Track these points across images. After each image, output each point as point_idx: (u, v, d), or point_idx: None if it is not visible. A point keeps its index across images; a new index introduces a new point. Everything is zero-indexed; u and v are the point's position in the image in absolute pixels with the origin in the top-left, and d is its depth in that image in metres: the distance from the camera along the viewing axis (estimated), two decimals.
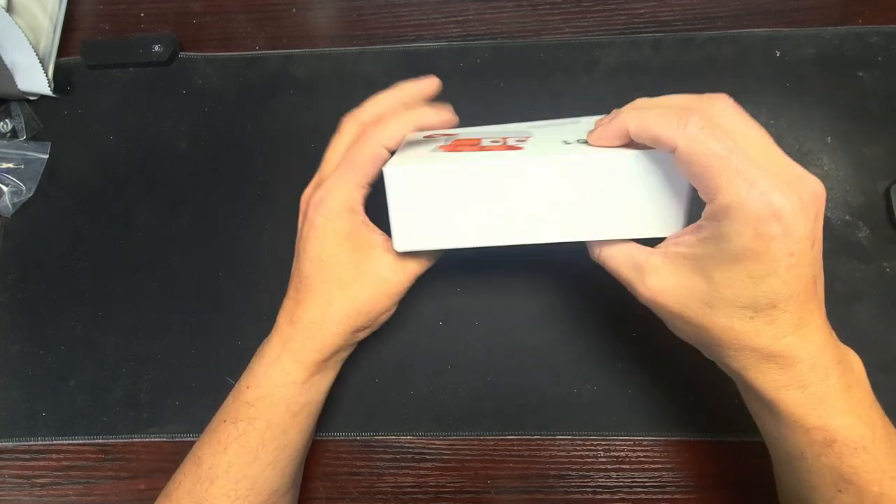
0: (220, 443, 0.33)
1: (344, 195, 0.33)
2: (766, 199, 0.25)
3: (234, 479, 0.33)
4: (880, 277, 0.41)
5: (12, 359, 0.44)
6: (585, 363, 0.41)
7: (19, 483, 0.42)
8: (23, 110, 0.48)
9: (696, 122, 0.26)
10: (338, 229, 0.33)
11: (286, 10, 0.50)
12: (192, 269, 0.44)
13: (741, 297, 0.27)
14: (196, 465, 0.34)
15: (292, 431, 0.34)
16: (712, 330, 0.28)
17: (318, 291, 0.34)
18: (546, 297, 0.42)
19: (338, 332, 0.34)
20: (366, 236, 0.34)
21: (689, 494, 0.40)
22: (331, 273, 0.34)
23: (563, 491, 0.40)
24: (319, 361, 0.34)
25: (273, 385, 0.34)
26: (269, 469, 0.33)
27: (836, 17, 0.46)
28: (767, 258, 0.26)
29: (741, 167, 0.25)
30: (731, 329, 0.28)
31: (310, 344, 0.34)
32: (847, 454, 0.27)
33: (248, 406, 0.34)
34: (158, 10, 0.50)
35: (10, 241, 0.46)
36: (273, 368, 0.34)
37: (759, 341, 0.27)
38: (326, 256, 0.34)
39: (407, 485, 0.41)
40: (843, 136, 0.44)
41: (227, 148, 0.47)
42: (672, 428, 0.40)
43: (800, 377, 0.27)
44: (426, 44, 0.48)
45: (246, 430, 0.33)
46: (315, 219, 0.33)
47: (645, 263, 0.30)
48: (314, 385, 0.35)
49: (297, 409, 0.34)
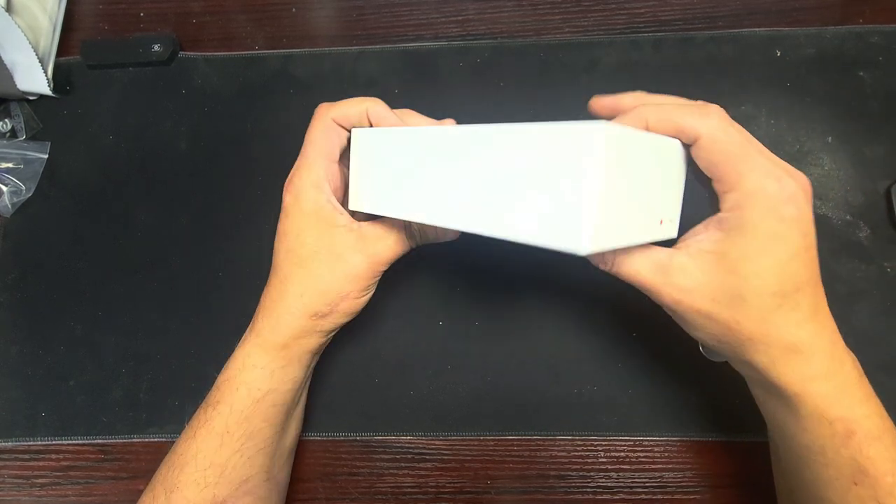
0: (191, 428, 0.34)
1: (306, 173, 0.34)
2: (783, 184, 0.26)
3: (203, 465, 0.33)
4: (881, 277, 0.41)
5: (12, 359, 0.44)
6: (585, 363, 0.41)
7: (19, 483, 0.42)
8: (22, 110, 0.48)
9: (717, 113, 0.27)
10: (302, 206, 0.34)
11: (286, 9, 0.50)
12: (192, 269, 0.44)
13: (770, 285, 0.27)
14: (171, 453, 0.34)
15: (256, 419, 0.34)
16: (743, 324, 0.28)
17: (279, 268, 0.35)
18: (546, 298, 0.42)
19: (294, 313, 0.34)
20: (328, 213, 0.34)
21: (690, 494, 0.40)
22: (290, 249, 0.34)
23: (563, 491, 0.40)
24: (279, 345, 0.34)
25: (236, 368, 0.34)
26: (236, 457, 0.33)
27: (837, 16, 0.46)
28: (790, 241, 0.27)
29: (759, 156, 0.27)
30: (762, 320, 0.27)
31: (268, 324, 0.34)
32: (865, 445, 0.28)
33: (215, 390, 0.34)
34: (158, 9, 0.50)
35: (10, 241, 0.46)
36: (238, 351, 0.35)
37: (787, 330, 0.28)
38: (290, 232, 0.34)
39: (407, 485, 0.41)
40: (844, 136, 0.44)
41: (227, 148, 0.46)
42: (672, 428, 0.40)
43: (823, 367, 0.28)
44: (426, 43, 0.48)
45: (212, 415, 0.34)
46: (285, 197, 0.35)
47: (669, 263, 0.29)
48: (276, 372, 0.34)
49: (260, 396, 0.34)
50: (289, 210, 0.34)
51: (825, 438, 0.28)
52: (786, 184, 0.26)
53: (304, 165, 0.34)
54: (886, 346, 0.40)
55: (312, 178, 0.34)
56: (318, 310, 0.34)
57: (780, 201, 0.26)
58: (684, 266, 0.29)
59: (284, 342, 0.34)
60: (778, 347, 0.28)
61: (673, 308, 0.30)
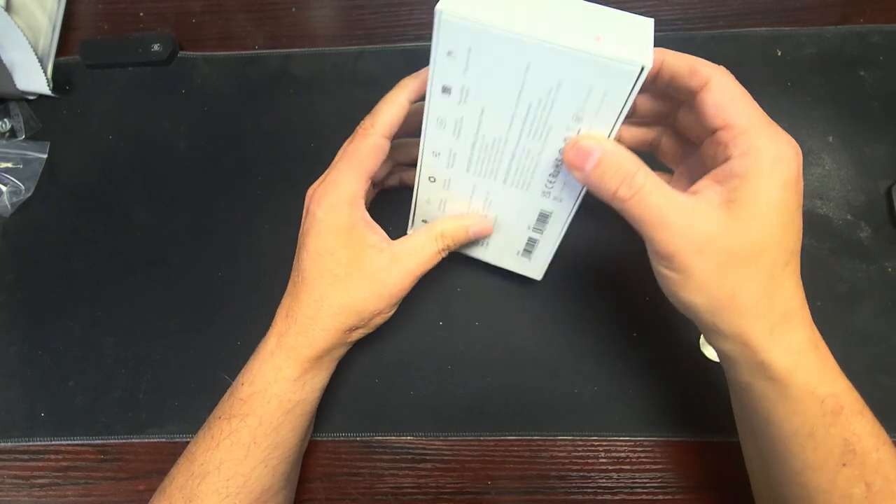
0: (212, 439, 0.34)
1: (344, 188, 0.33)
2: (787, 146, 0.27)
3: (225, 476, 0.33)
4: (881, 277, 0.41)
5: (11, 359, 0.43)
6: (585, 363, 0.41)
7: (18, 483, 0.42)
8: (22, 110, 0.48)
9: (725, 69, 0.29)
10: (336, 223, 0.34)
11: (286, 9, 0.50)
12: (191, 269, 0.44)
13: (784, 240, 0.27)
14: (189, 462, 0.34)
15: (285, 429, 0.34)
16: (748, 287, 0.27)
17: (313, 286, 0.34)
18: (546, 297, 0.42)
19: (329, 329, 0.34)
20: (362, 233, 0.34)
21: (690, 494, 0.40)
22: (325, 268, 0.34)
23: (563, 491, 0.40)
24: (312, 358, 0.34)
25: (266, 381, 0.34)
26: (260, 467, 0.33)
27: (838, 16, 0.46)
28: (794, 200, 0.27)
29: (763, 114, 0.28)
30: (770, 278, 0.27)
31: (302, 339, 0.34)
32: (852, 421, 0.28)
33: (241, 402, 0.34)
34: (158, 9, 0.50)
35: (9, 240, 0.46)
36: (266, 364, 0.34)
37: (787, 295, 0.28)
38: (323, 250, 0.34)
39: (407, 485, 0.41)
40: (845, 136, 0.44)
41: (227, 148, 0.46)
42: (672, 428, 0.40)
43: (808, 338, 0.28)
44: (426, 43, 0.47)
45: (238, 426, 0.33)
46: (316, 212, 0.34)
47: (696, 207, 0.27)
48: (307, 383, 0.35)
49: (290, 407, 0.34)
50: (321, 225, 0.34)
51: (816, 418, 0.28)
52: (789, 146, 0.27)
53: (339, 180, 0.34)
54: (886, 346, 0.40)
55: (348, 195, 0.34)
56: (352, 325, 0.35)
57: (784, 160, 0.27)
58: (708, 212, 0.27)
59: (318, 355, 0.34)
60: (777, 314, 0.28)
61: (685, 261, 0.27)
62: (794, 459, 0.29)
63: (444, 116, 0.32)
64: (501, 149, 0.32)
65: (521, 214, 0.36)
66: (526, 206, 0.35)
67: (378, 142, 0.33)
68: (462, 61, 0.29)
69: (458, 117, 0.31)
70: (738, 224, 0.27)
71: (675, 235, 0.27)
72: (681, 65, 0.29)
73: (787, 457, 0.29)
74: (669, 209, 0.27)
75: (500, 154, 0.32)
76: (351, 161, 0.34)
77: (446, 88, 0.30)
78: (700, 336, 0.41)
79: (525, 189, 0.34)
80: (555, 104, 0.29)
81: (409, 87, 0.33)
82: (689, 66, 0.29)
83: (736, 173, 0.27)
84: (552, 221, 0.35)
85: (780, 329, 0.28)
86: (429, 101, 0.31)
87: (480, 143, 0.32)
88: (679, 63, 0.29)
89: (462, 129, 0.32)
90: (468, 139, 0.32)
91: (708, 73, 0.28)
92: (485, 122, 0.31)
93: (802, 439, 0.28)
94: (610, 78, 0.27)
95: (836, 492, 0.28)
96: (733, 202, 0.27)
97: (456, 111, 0.31)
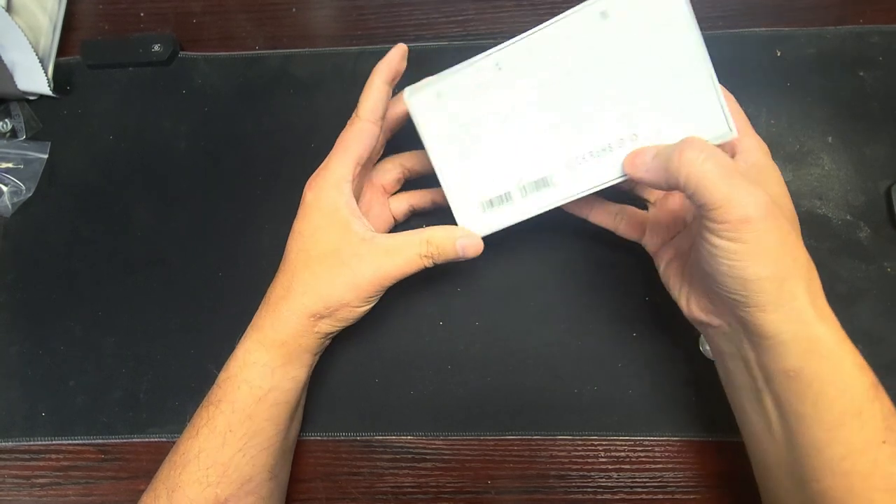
0: (193, 427, 0.34)
1: (333, 172, 0.34)
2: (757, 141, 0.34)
3: (205, 464, 0.33)
4: (881, 277, 0.41)
5: (12, 359, 0.43)
6: (585, 363, 0.41)
7: (19, 483, 0.42)
8: (22, 110, 0.48)
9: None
10: (320, 205, 0.34)
11: (286, 9, 0.50)
12: (191, 269, 0.44)
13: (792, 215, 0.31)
14: (174, 452, 0.34)
15: (259, 418, 0.34)
16: (796, 250, 0.28)
17: (288, 265, 0.35)
18: (546, 298, 0.42)
19: (294, 310, 0.34)
20: (345, 217, 0.34)
21: (690, 494, 0.40)
22: (302, 247, 0.34)
23: (563, 491, 0.40)
24: (278, 342, 0.34)
25: (237, 366, 0.34)
26: (238, 456, 0.33)
27: (837, 16, 0.46)
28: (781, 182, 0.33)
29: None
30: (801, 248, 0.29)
31: (269, 321, 0.34)
32: (882, 394, 0.28)
33: (216, 388, 0.34)
34: (158, 9, 0.50)
35: (10, 240, 0.46)
36: (239, 349, 0.35)
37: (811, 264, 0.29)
38: (305, 231, 0.34)
39: (407, 485, 0.41)
40: (844, 136, 0.44)
41: (227, 148, 0.46)
42: (672, 428, 0.40)
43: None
44: (426, 43, 0.48)
45: (214, 413, 0.33)
46: (306, 195, 0.35)
47: (742, 170, 0.32)
48: (277, 371, 0.34)
49: (261, 394, 0.34)
50: (307, 208, 0.35)
51: (863, 394, 0.28)
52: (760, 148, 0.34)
53: (329, 166, 0.35)
54: (886, 346, 0.40)
55: (335, 179, 0.34)
56: (316, 311, 0.34)
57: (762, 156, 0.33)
58: (750, 173, 0.31)
59: (283, 339, 0.34)
60: (815, 285, 0.28)
61: (758, 228, 0.27)
62: (839, 445, 0.28)
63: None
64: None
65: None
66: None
67: (363, 126, 0.34)
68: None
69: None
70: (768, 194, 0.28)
71: (748, 199, 0.27)
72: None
73: (831, 444, 0.28)
74: (738, 175, 0.27)
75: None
76: (338, 148, 0.35)
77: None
78: (700, 336, 0.41)
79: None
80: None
81: (381, 70, 0.35)
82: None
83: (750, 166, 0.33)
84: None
85: (821, 301, 0.28)
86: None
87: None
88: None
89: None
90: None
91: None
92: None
93: (850, 420, 0.28)
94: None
95: (878, 472, 0.27)
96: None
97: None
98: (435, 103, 0.33)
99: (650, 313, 0.41)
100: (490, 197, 0.34)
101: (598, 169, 0.33)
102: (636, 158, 0.31)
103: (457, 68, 0.33)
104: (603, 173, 0.33)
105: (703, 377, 0.40)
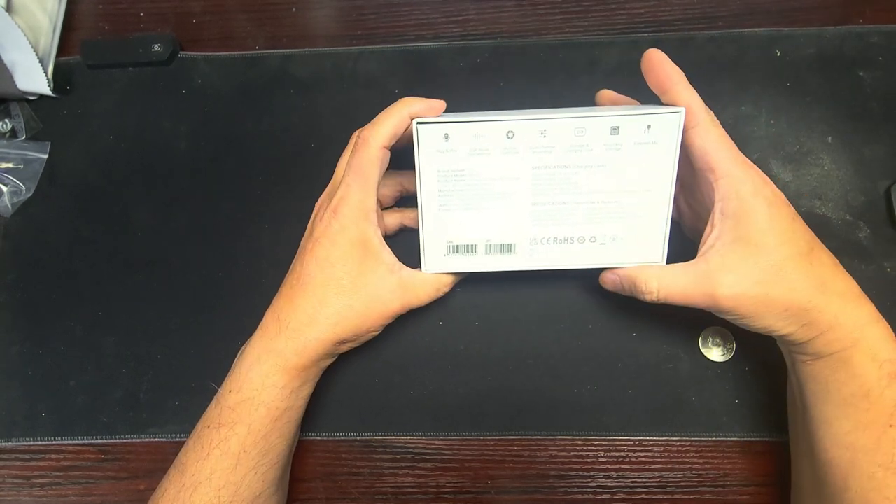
0: (202, 449, 0.33)
1: (358, 201, 0.34)
2: (753, 172, 0.32)
3: (217, 486, 0.33)
4: (881, 277, 0.41)
5: (12, 359, 0.44)
6: (585, 363, 0.41)
7: (19, 483, 0.42)
8: (22, 110, 0.48)
9: (710, 113, 0.33)
10: (351, 236, 0.34)
11: (286, 9, 0.50)
12: (191, 269, 0.44)
13: (789, 248, 0.31)
14: (180, 473, 0.33)
15: (273, 436, 0.34)
16: (800, 291, 0.31)
17: (314, 292, 0.34)
18: (546, 298, 0.42)
19: (321, 339, 0.34)
20: (377, 249, 0.35)
21: (690, 494, 0.40)
22: (332, 276, 0.34)
23: (563, 491, 0.40)
24: (300, 367, 0.34)
25: (253, 388, 0.34)
26: (251, 475, 0.33)
27: (837, 16, 0.46)
28: (784, 211, 0.32)
29: (735, 155, 0.32)
30: (814, 276, 0.31)
31: (292, 346, 0.34)
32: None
33: (229, 411, 0.34)
34: (158, 9, 0.50)
35: (10, 241, 0.46)
36: (253, 371, 0.34)
37: (837, 276, 0.32)
38: (334, 259, 0.34)
39: (407, 485, 0.41)
40: (844, 136, 0.44)
41: (227, 148, 0.46)
42: (672, 428, 0.40)
43: (874, 313, 0.31)
44: (426, 43, 0.48)
45: (227, 435, 0.33)
46: (332, 223, 0.34)
47: (708, 269, 0.32)
48: (294, 391, 0.35)
49: (278, 415, 0.34)
50: (336, 236, 0.34)
51: (873, 381, 0.30)
52: (758, 175, 0.32)
53: (351, 194, 0.34)
54: None
55: (364, 209, 0.34)
56: (346, 338, 0.35)
57: (759, 187, 0.31)
58: (723, 264, 0.31)
59: (307, 364, 0.34)
60: (837, 297, 0.31)
61: (733, 309, 0.32)
62: (846, 420, 0.31)
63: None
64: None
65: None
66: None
67: (379, 154, 0.34)
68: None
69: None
70: (752, 259, 0.31)
71: (714, 302, 0.32)
72: (680, 92, 0.33)
73: (839, 418, 0.31)
74: (692, 288, 0.33)
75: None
76: (357, 174, 0.34)
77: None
78: (700, 336, 0.41)
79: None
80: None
81: (412, 104, 0.34)
82: (689, 96, 0.33)
83: (727, 215, 0.32)
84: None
85: (853, 307, 0.31)
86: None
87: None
88: (679, 89, 0.33)
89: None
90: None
91: (698, 118, 0.32)
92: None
93: (857, 400, 0.30)
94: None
95: (880, 451, 0.30)
96: (738, 242, 0.31)
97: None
98: (441, 142, 0.34)
99: (650, 313, 0.41)
100: (458, 243, 0.36)
101: (557, 254, 0.36)
102: (605, 277, 0.37)
103: (471, 116, 0.34)
104: (561, 259, 0.36)
105: (703, 377, 0.40)
